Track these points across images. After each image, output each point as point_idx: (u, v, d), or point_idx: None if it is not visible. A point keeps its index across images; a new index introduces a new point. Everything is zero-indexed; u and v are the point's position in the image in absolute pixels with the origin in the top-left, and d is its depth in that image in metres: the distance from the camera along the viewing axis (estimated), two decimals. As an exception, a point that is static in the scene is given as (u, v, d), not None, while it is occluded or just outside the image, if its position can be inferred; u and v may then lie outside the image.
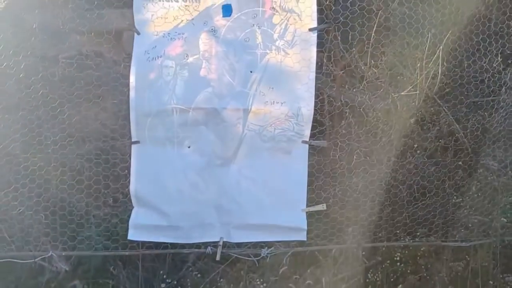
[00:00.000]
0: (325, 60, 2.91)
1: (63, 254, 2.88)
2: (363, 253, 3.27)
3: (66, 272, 2.97)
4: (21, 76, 2.67)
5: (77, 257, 2.98)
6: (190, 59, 2.74)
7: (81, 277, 3.05)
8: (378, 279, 3.34)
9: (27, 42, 2.72)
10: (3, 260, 2.80)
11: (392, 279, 3.40)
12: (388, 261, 3.44)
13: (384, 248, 3.37)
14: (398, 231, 3.31)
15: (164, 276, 3.11)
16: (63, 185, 2.81)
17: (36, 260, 2.83)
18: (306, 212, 2.95)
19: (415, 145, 3.21)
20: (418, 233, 3.30)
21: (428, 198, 3.22)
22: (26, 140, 2.74)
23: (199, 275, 3.17)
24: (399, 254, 3.52)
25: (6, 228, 2.80)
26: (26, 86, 2.69)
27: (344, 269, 3.27)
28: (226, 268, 3.17)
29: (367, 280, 3.33)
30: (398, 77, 3.03)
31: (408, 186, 3.17)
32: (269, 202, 2.91)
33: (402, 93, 3.02)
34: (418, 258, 3.52)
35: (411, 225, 3.23)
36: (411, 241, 3.31)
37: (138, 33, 2.73)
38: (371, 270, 3.36)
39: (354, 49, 2.90)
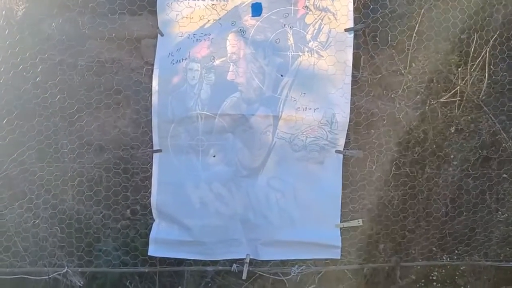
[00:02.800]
0: (362, 63, 2.69)
1: (79, 270, 2.69)
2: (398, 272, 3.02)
3: (81, 287, 2.79)
4: (37, 80, 2.51)
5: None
6: (217, 62, 2.56)
7: (96, 292, 2.88)
8: (413, 300, 3.10)
9: (44, 45, 2.57)
10: (17, 276, 2.63)
11: (428, 300, 3.15)
12: (423, 280, 3.19)
13: (418, 267, 3.11)
14: (435, 248, 3.08)
15: (182, 292, 2.91)
16: (80, 196, 2.64)
17: (50, 276, 2.66)
18: (340, 228, 2.72)
19: (455, 156, 2.97)
20: (458, 251, 3.06)
21: (472, 213, 2.96)
22: (42, 148, 2.58)
23: (219, 292, 2.97)
24: (436, 273, 3.27)
25: (20, 241, 2.64)
26: (43, 91, 2.53)
27: (378, 289, 3.04)
28: (249, 285, 2.95)
29: (401, 301, 3.09)
30: (438, 82, 2.80)
31: (451, 200, 2.92)
32: (300, 216, 2.70)
33: (442, 100, 2.79)
34: (457, 277, 3.27)
35: (452, 243, 2.99)
36: (448, 259, 3.07)
37: (162, 35, 2.56)
38: (405, 291, 3.11)
39: (393, 51, 2.67)
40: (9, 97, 2.51)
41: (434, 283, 3.21)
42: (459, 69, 2.77)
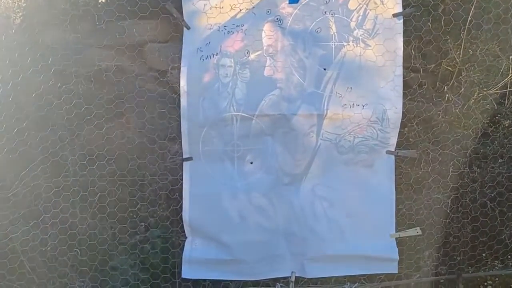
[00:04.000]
0: (413, 52, 2.41)
1: (102, 296, 2.39)
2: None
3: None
4: (41, 90, 2.24)
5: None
6: (252, 56, 2.29)
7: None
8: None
9: (45, 53, 2.30)
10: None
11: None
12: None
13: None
14: (485, 254, 2.78)
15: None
16: (102, 213, 2.34)
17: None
18: (396, 239, 2.42)
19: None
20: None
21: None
22: (56, 160, 2.30)
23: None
24: (490, 282, 2.97)
25: (27, 262, 2.35)
26: (51, 100, 2.27)
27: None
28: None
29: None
30: (499, 71, 2.52)
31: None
32: (351, 227, 2.43)
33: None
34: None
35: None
36: (502, 266, 2.82)
37: (188, 28, 2.28)
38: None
39: (448, 37, 2.39)
40: (11, 109, 2.24)
41: (489, 293, 2.93)
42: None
